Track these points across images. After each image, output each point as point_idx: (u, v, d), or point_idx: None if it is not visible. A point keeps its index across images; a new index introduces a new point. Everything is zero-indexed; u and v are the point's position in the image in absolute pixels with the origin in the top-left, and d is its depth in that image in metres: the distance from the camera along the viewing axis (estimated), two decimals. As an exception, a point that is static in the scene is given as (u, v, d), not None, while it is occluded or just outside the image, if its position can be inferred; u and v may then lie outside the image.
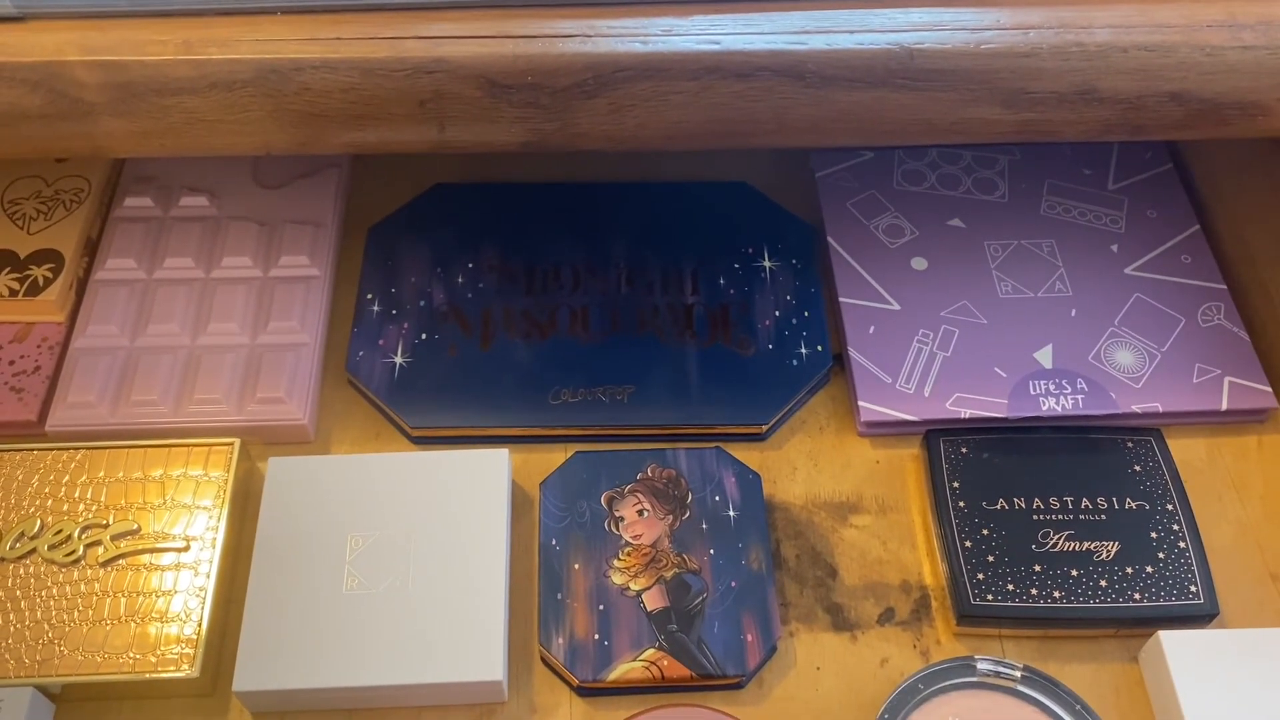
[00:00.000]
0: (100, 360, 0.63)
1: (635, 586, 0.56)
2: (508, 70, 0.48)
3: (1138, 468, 0.60)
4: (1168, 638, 0.54)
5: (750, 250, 0.70)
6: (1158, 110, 0.51)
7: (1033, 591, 0.56)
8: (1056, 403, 0.62)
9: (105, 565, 0.56)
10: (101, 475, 0.59)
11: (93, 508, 0.58)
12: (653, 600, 0.56)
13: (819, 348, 0.65)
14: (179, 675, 0.53)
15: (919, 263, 0.69)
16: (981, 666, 0.53)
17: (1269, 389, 0.63)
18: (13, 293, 0.65)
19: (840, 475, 0.63)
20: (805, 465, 0.63)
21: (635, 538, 0.58)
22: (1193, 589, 0.56)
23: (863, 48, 0.49)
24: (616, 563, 0.57)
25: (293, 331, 0.65)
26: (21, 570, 0.56)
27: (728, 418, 0.63)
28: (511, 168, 0.75)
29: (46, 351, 0.64)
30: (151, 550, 0.57)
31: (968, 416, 0.62)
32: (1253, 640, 0.54)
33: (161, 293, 0.67)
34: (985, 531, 0.58)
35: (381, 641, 0.54)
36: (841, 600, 0.58)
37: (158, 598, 0.55)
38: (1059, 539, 0.57)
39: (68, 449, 0.60)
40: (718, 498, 0.59)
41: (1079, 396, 0.63)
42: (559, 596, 0.56)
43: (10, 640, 0.54)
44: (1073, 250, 0.69)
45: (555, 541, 0.58)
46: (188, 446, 0.60)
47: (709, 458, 0.60)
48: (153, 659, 0.53)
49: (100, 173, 0.71)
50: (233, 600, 0.57)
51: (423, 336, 0.66)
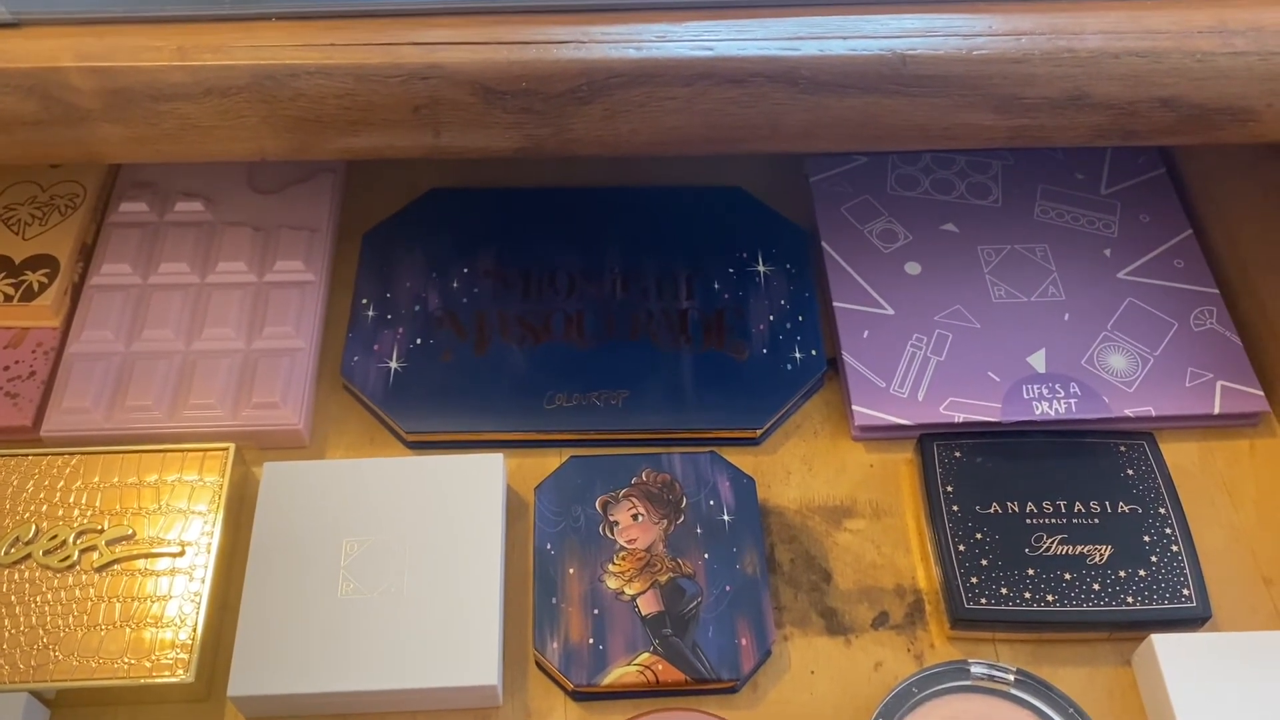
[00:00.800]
0: (95, 365, 0.64)
1: (630, 591, 0.56)
2: (502, 76, 0.48)
3: (1130, 472, 0.60)
4: (1160, 641, 0.54)
5: (745, 255, 0.70)
6: (1149, 116, 0.51)
7: (1026, 595, 0.56)
8: (1050, 407, 0.63)
9: (100, 570, 0.56)
10: (96, 480, 0.59)
11: (88, 513, 0.58)
12: (647, 604, 0.56)
13: (813, 352, 0.65)
14: (174, 680, 0.53)
15: (913, 267, 0.69)
16: (975, 670, 0.53)
17: (1261, 393, 0.64)
18: (8, 298, 0.65)
19: (834, 479, 0.63)
20: (799, 469, 0.63)
21: (630, 542, 0.58)
22: (1185, 593, 0.56)
23: (855, 54, 0.49)
24: (611, 567, 0.57)
25: (288, 337, 0.65)
26: (16, 575, 0.56)
27: (722, 422, 0.63)
28: (506, 173, 0.75)
29: (41, 357, 0.64)
30: (146, 555, 0.57)
31: (961, 421, 0.62)
32: (1245, 643, 0.54)
33: (156, 298, 0.67)
34: (979, 535, 0.58)
35: (376, 646, 0.54)
36: (836, 604, 0.58)
37: (153, 603, 0.55)
38: (1052, 543, 0.57)
39: (63, 454, 0.60)
40: (712, 502, 0.59)
41: (1072, 401, 0.63)
42: (554, 601, 0.56)
43: (5, 646, 0.54)
44: (1066, 255, 0.69)
45: (550, 546, 0.58)
46: (183, 451, 0.60)
47: (703, 462, 0.61)
48: (148, 664, 0.53)
49: (95, 178, 0.71)
50: (228, 605, 0.57)
51: (418, 341, 0.66)
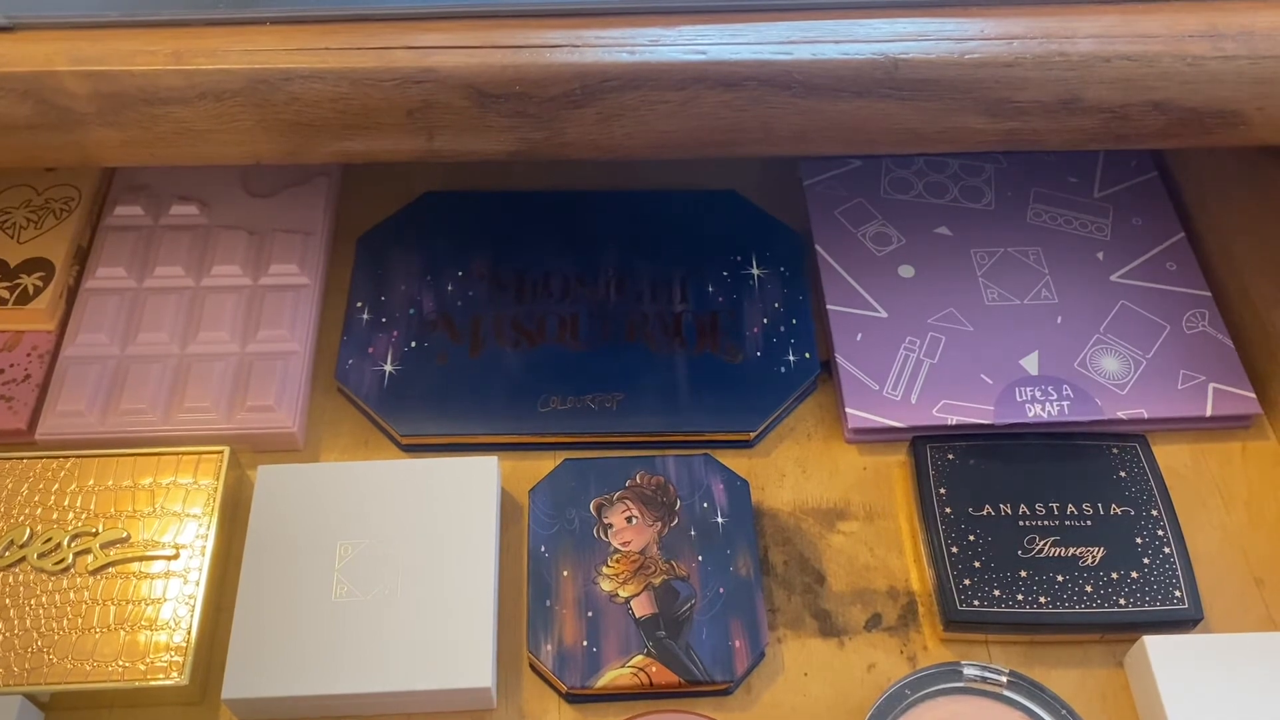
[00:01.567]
0: (90, 369, 0.64)
1: (624, 593, 0.57)
2: (496, 80, 0.49)
3: (1123, 474, 0.60)
4: (1152, 643, 0.54)
5: (739, 258, 0.70)
6: (1141, 119, 0.51)
7: (1019, 597, 0.56)
8: (1042, 409, 0.63)
9: (95, 573, 0.56)
10: (91, 483, 0.59)
11: (82, 516, 0.58)
12: (641, 607, 0.56)
13: (807, 355, 0.66)
14: (168, 683, 0.53)
15: (906, 270, 0.69)
16: (968, 672, 0.54)
17: (1253, 395, 0.64)
18: (3, 301, 0.65)
19: (828, 482, 0.63)
20: (793, 472, 0.63)
21: (624, 544, 0.58)
22: (1177, 594, 0.56)
23: (848, 58, 0.49)
24: (605, 569, 0.57)
25: (282, 340, 0.66)
26: (11, 579, 0.56)
27: (716, 425, 0.63)
28: (500, 176, 0.75)
29: (36, 360, 0.65)
30: (141, 558, 0.57)
31: (954, 423, 0.63)
32: (1237, 645, 0.54)
33: (151, 301, 0.67)
34: (972, 538, 0.58)
35: (371, 649, 0.54)
36: (829, 606, 0.59)
37: (147, 606, 0.55)
38: (1045, 545, 0.58)
39: (57, 457, 0.60)
40: (706, 504, 0.59)
41: (1065, 403, 0.63)
42: (548, 603, 0.56)
43: (-1, 649, 0.54)
44: (1059, 258, 0.70)
45: (544, 548, 0.58)
46: (177, 454, 0.60)
47: (697, 465, 0.61)
48: (142, 667, 0.53)
49: (90, 182, 0.71)
50: (222, 608, 0.57)
51: (412, 345, 0.66)
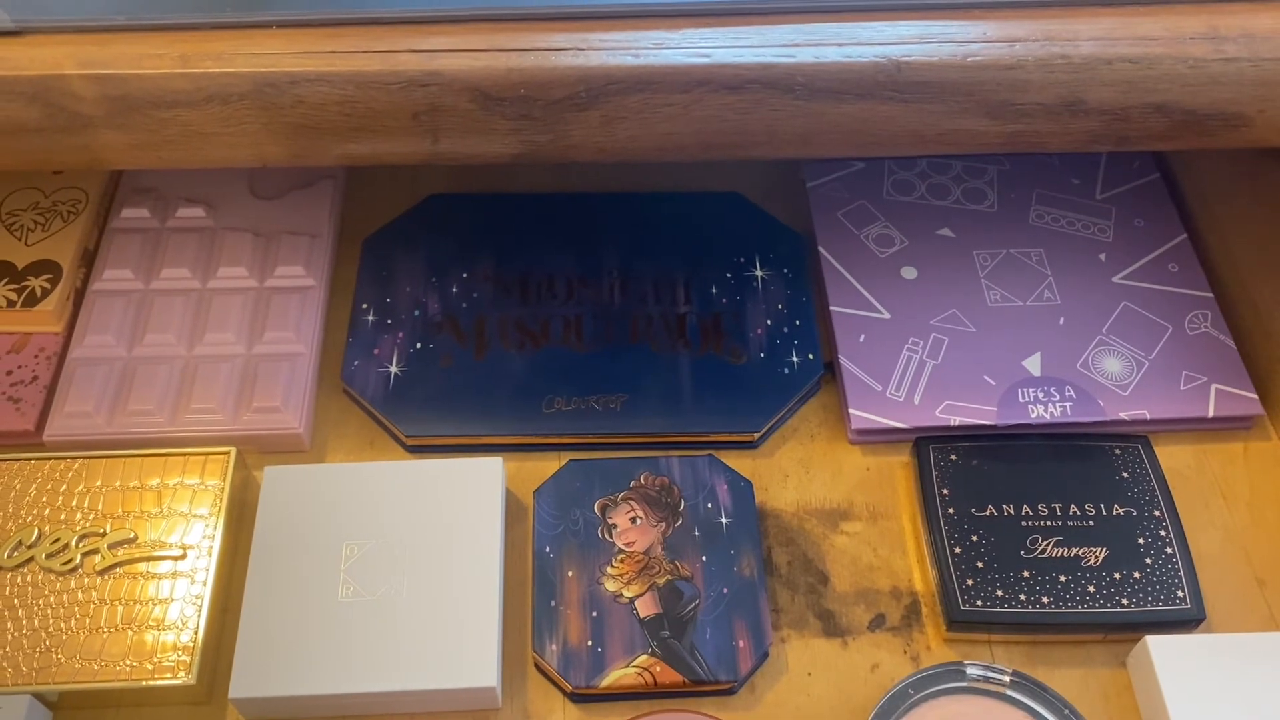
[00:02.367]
0: (97, 370, 0.64)
1: (628, 593, 0.57)
2: (500, 83, 0.49)
3: (1125, 474, 0.60)
4: (1155, 643, 0.54)
5: (742, 260, 0.70)
6: (1142, 121, 0.52)
7: (1021, 597, 0.56)
8: (1045, 410, 0.63)
9: (102, 574, 0.56)
10: (99, 484, 0.59)
11: (90, 516, 0.58)
12: (645, 607, 0.56)
13: (810, 356, 0.66)
14: (175, 683, 0.53)
15: (909, 271, 0.69)
16: (971, 672, 0.54)
17: (1255, 396, 0.64)
18: (10, 303, 0.65)
19: (831, 482, 0.63)
20: (797, 472, 0.64)
21: (628, 545, 0.58)
22: (1180, 594, 0.56)
23: (851, 60, 0.49)
24: (610, 570, 0.58)
25: (288, 341, 0.66)
26: (19, 579, 0.56)
27: (720, 426, 0.64)
28: (505, 178, 0.76)
29: (44, 362, 0.65)
30: (148, 559, 0.57)
31: (957, 424, 0.63)
32: (1239, 645, 0.55)
33: (158, 303, 0.67)
34: (974, 538, 0.58)
35: (377, 648, 0.54)
36: (832, 606, 0.59)
37: (154, 606, 0.56)
38: (1047, 545, 0.58)
39: (65, 458, 0.60)
40: (710, 505, 0.60)
41: (1067, 404, 0.63)
42: (552, 603, 0.56)
43: (8, 648, 0.54)
44: (1061, 259, 0.70)
45: (549, 549, 0.58)
46: (184, 455, 0.60)
47: (701, 465, 0.61)
48: (149, 666, 0.54)
49: (97, 184, 0.72)
50: (229, 608, 0.57)
51: (417, 346, 0.66)
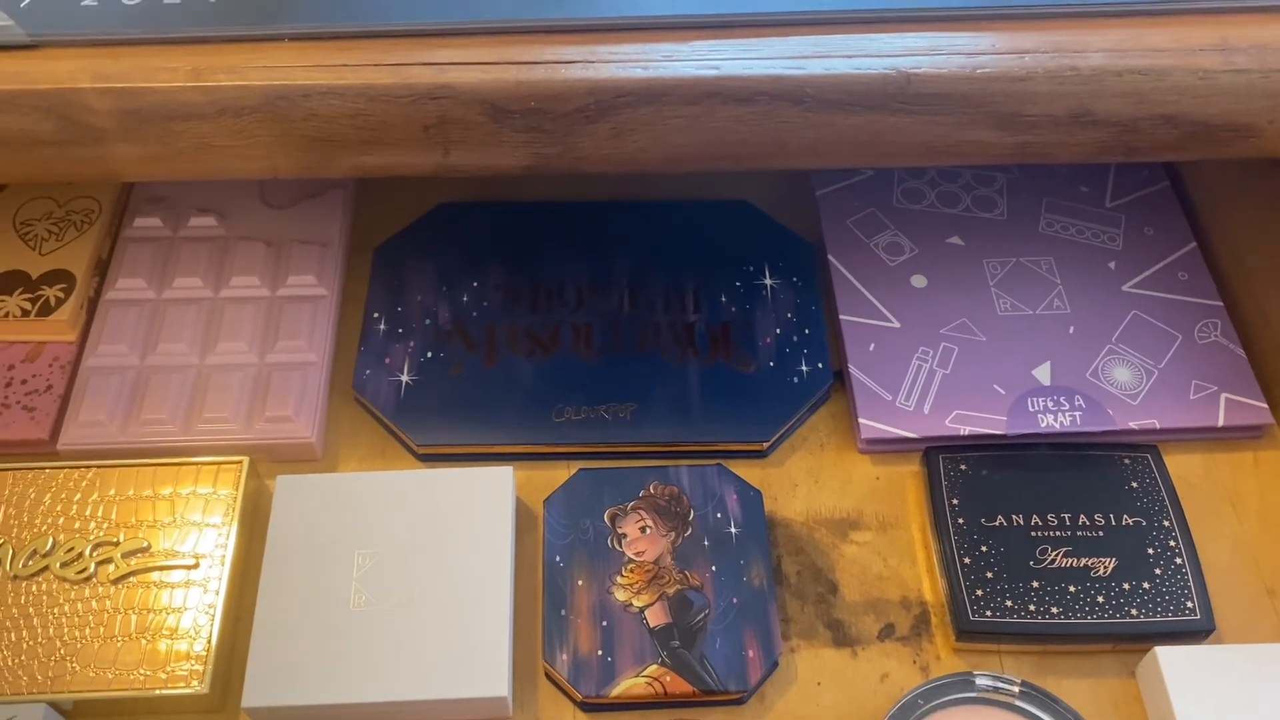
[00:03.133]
0: (111, 379, 0.64)
1: (638, 603, 0.57)
2: (511, 96, 0.49)
3: (1135, 484, 0.60)
4: (1164, 653, 0.54)
5: (751, 268, 0.70)
6: (1152, 133, 0.52)
7: (1031, 607, 0.56)
8: (1054, 420, 0.63)
9: (116, 583, 0.57)
10: (112, 493, 0.60)
11: (104, 525, 0.59)
12: (655, 616, 0.57)
13: (819, 365, 0.66)
14: (189, 692, 0.54)
15: (919, 280, 0.69)
16: (980, 682, 0.54)
17: (1265, 405, 0.64)
18: (25, 313, 0.66)
19: (841, 492, 0.63)
20: (806, 482, 0.64)
21: (638, 554, 0.59)
22: (1189, 605, 0.56)
23: (860, 72, 0.49)
24: (619, 579, 0.58)
25: (300, 350, 0.66)
26: (34, 588, 0.57)
27: (729, 435, 0.64)
28: (514, 187, 0.76)
29: (58, 371, 0.65)
30: (161, 568, 0.57)
31: (967, 433, 0.63)
32: (1249, 655, 0.55)
33: (171, 312, 0.67)
34: (984, 548, 0.58)
35: (388, 658, 0.54)
36: (842, 616, 0.59)
37: (168, 615, 0.56)
38: (1057, 555, 0.58)
39: (79, 467, 0.61)
40: (719, 515, 0.60)
41: (1077, 413, 0.63)
42: (563, 613, 0.57)
43: (23, 657, 0.54)
44: (1071, 268, 0.70)
45: (559, 558, 0.59)
46: (197, 465, 0.61)
47: (710, 475, 0.61)
48: (163, 675, 0.54)
49: (110, 194, 0.72)
50: (241, 617, 0.58)
51: (428, 355, 0.66)
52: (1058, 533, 0.59)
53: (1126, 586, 0.57)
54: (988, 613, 0.56)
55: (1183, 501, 0.60)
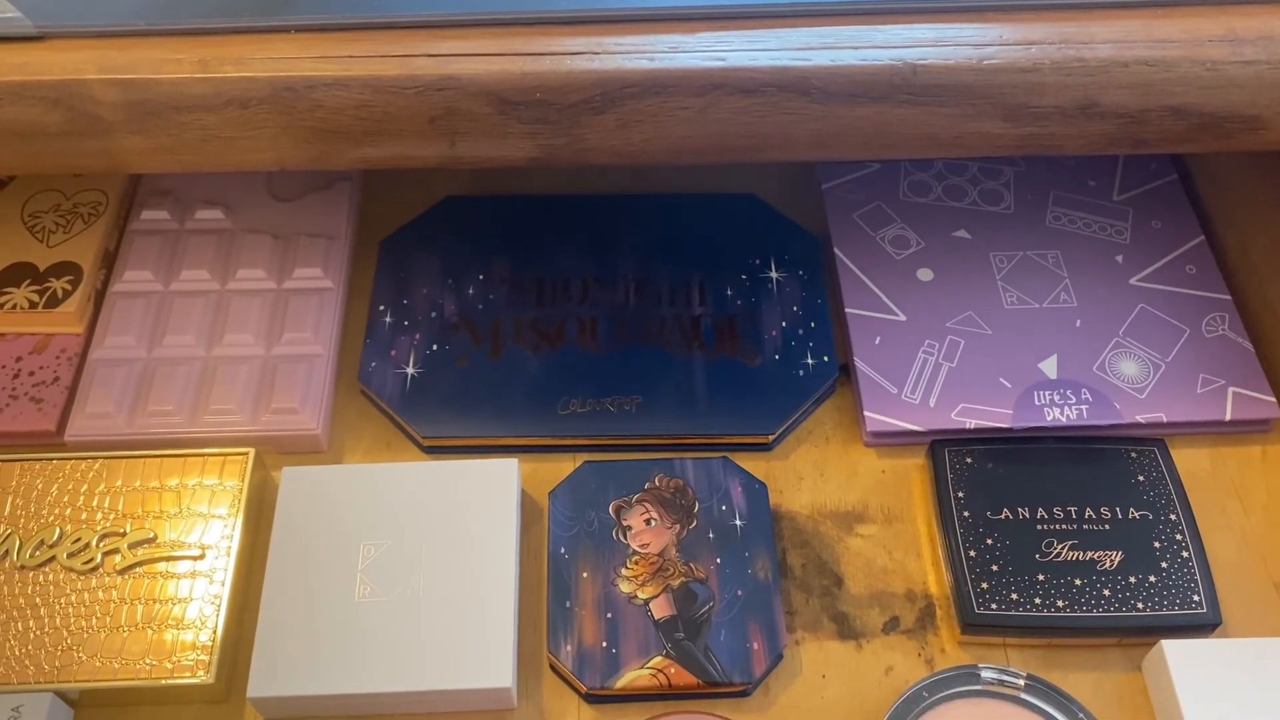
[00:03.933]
0: (118, 371, 0.65)
1: (643, 595, 0.57)
2: (517, 87, 0.49)
3: (1141, 478, 0.60)
4: (1170, 647, 0.54)
5: (757, 261, 0.70)
6: (1159, 124, 0.51)
7: (1036, 601, 0.56)
8: (1061, 413, 0.63)
9: (122, 573, 0.57)
10: (119, 484, 0.60)
11: (110, 516, 0.59)
12: (660, 609, 0.57)
13: (825, 358, 0.66)
14: (194, 681, 0.54)
15: (925, 273, 0.69)
16: (986, 675, 0.54)
17: (1273, 399, 0.64)
18: (32, 305, 0.66)
19: (846, 485, 0.63)
20: (811, 475, 0.64)
21: (643, 546, 0.59)
22: (1196, 598, 0.56)
23: (866, 64, 0.49)
24: (624, 571, 0.58)
25: (306, 343, 0.66)
26: (41, 578, 0.57)
27: (734, 428, 0.64)
28: (521, 180, 0.76)
29: (65, 362, 0.66)
30: (168, 558, 0.58)
31: (973, 427, 0.63)
32: (1256, 650, 0.54)
33: (178, 304, 0.68)
34: (989, 541, 0.58)
35: (393, 648, 0.54)
36: (847, 609, 0.59)
37: (174, 605, 0.56)
38: (1063, 549, 0.58)
39: (86, 458, 0.61)
40: (724, 507, 0.60)
41: (1083, 407, 0.63)
42: (567, 604, 0.57)
43: (30, 646, 0.55)
44: (1078, 261, 0.70)
45: (564, 550, 0.59)
46: (203, 456, 0.61)
47: (716, 467, 0.61)
48: (169, 665, 0.54)
49: (117, 186, 0.72)
50: (247, 608, 0.58)
51: (434, 347, 0.67)
52: (1064, 526, 0.58)
53: (1133, 580, 0.57)
54: (993, 606, 0.56)
55: (1189, 495, 0.60)
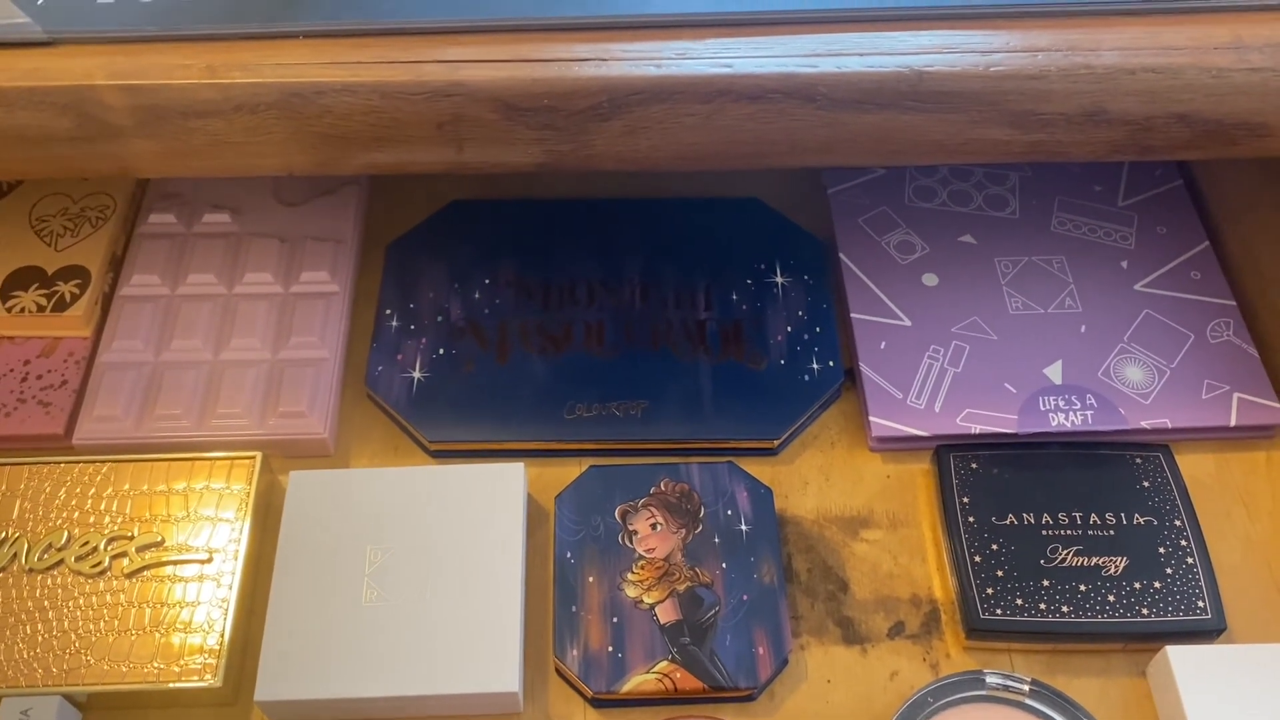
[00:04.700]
0: (125, 375, 0.65)
1: (648, 599, 0.57)
2: (524, 93, 0.49)
3: (1146, 483, 0.60)
4: (1175, 653, 0.54)
5: (763, 266, 0.70)
6: (1165, 131, 0.52)
7: (1041, 606, 0.56)
8: (1066, 419, 0.63)
9: (130, 576, 0.57)
10: (126, 488, 0.60)
11: (118, 520, 0.59)
12: (666, 613, 0.57)
13: (830, 363, 0.66)
14: (202, 685, 0.54)
15: (930, 279, 0.69)
16: (990, 680, 0.54)
17: (1278, 405, 0.64)
18: (40, 308, 0.66)
19: (851, 490, 0.63)
20: (817, 480, 0.64)
21: (648, 551, 0.59)
22: (1200, 604, 0.56)
23: (873, 70, 0.49)
24: (630, 576, 0.58)
25: (313, 347, 0.67)
26: (49, 581, 0.57)
27: (740, 432, 0.64)
28: (527, 184, 0.76)
29: (73, 366, 0.66)
30: (175, 562, 0.58)
31: (978, 432, 0.63)
32: (1260, 655, 0.54)
33: (185, 308, 0.68)
34: (995, 546, 0.58)
35: (399, 652, 0.55)
36: (852, 614, 0.59)
37: (181, 609, 0.56)
38: (1067, 554, 0.58)
39: (94, 462, 0.61)
40: (730, 512, 0.60)
41: (1088, 412, 0.63)
42: (573, 609, 0.57)
43: (39, 649, 0.55)
44: (1083, 266, 0.70)
45: (570, 554, 0.59)
46: (210, 460, 0.61)
47: (721, 472, 0.61)
48: (176, 669, 0.55)
49: (125, 190, 0.73)
50: (254, 611, 0.58)
51: (440, 352, 0.67)
52: (1069, 531, 0.59)
53: (1137, 585, 0.57)
54: (998, 611, 0.56)
55: (1194, 501, 0.60)
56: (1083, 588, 0.57)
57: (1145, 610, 0.56)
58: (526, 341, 0.67)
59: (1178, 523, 0.59)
